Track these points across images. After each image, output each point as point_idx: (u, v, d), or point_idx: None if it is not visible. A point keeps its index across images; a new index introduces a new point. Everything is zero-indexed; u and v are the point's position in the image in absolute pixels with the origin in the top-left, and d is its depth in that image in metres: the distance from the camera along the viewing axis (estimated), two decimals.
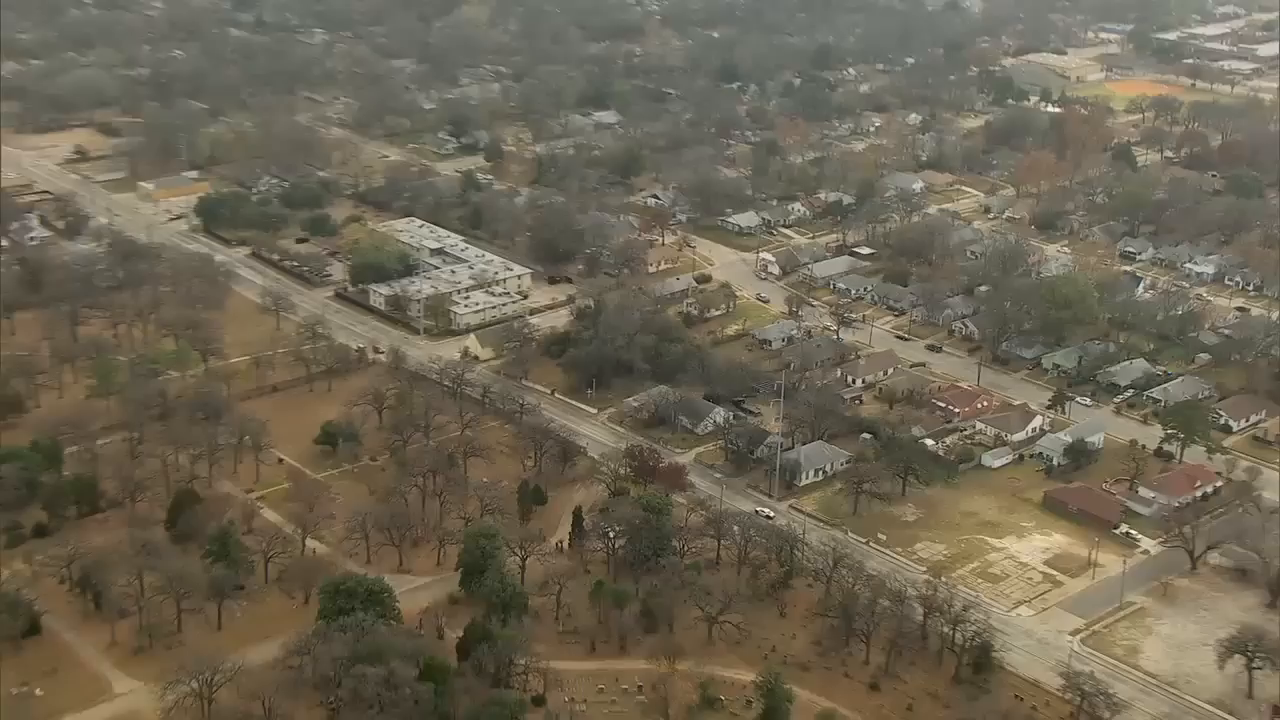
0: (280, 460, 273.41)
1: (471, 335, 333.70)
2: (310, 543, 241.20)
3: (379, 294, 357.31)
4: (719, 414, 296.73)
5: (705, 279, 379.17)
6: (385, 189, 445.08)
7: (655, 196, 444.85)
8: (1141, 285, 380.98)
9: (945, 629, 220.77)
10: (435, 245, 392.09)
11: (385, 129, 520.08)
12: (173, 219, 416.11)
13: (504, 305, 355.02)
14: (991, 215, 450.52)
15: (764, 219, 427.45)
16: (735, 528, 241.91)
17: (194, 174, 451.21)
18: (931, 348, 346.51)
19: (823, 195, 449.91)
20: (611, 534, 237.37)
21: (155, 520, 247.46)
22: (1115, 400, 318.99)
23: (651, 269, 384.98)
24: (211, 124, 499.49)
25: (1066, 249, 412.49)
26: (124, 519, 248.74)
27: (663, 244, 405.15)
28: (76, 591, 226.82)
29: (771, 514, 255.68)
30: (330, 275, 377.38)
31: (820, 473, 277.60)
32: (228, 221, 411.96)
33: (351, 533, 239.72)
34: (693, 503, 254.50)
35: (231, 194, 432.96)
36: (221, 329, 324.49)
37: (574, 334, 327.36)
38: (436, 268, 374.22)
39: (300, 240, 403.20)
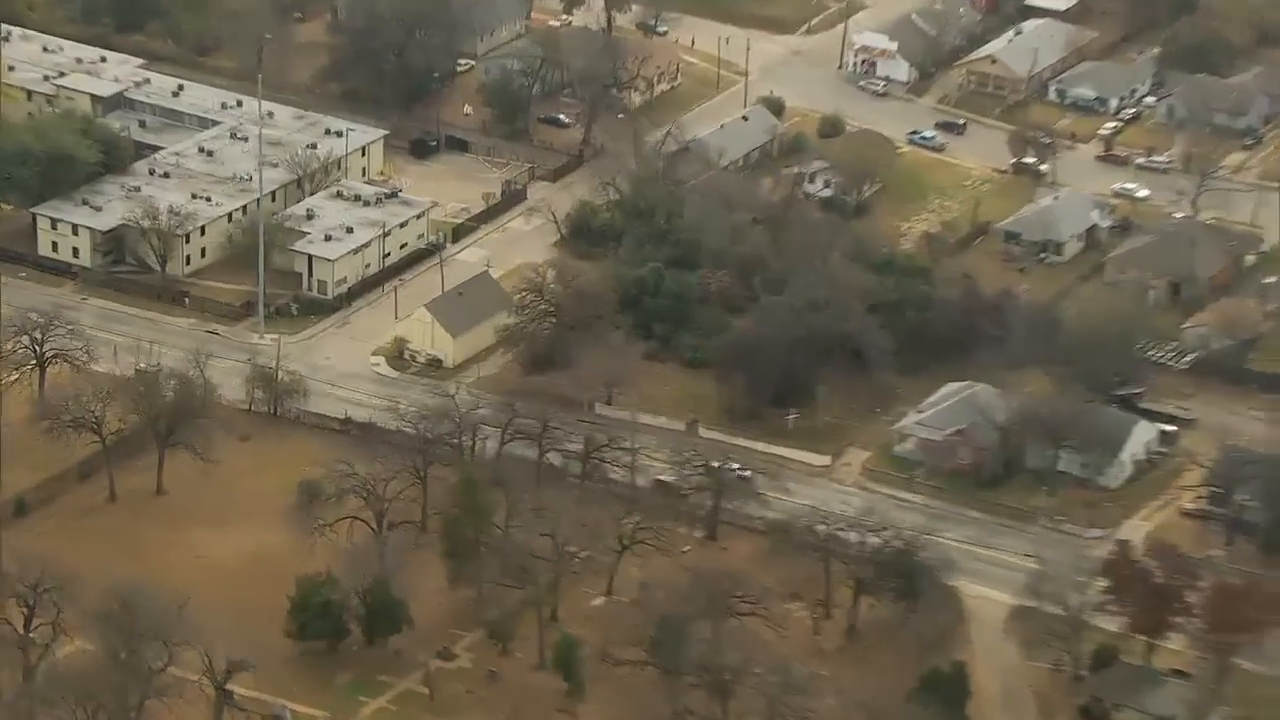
0: (228, 692, 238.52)
1: (420, 309, 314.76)
2: None
3: (81, 229, 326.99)
4: (1143, 436, 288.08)
5: (778, 107, 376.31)
6: None
7: None
8: None
9: None
10: (105, 88, 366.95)
11: None
12: None
13: (396, 225, 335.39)
14: None
15: None
16: None
17: None
18: None
19: None
20: None
21: None
22: None
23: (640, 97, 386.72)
24: None
25: None
26: None
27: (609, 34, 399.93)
28: None
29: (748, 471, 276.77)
30: None
31: None
32: None
33: None
34: None
35: None
36: None
37: (649, 280, 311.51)
38: (160, 148, 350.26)
39: None
